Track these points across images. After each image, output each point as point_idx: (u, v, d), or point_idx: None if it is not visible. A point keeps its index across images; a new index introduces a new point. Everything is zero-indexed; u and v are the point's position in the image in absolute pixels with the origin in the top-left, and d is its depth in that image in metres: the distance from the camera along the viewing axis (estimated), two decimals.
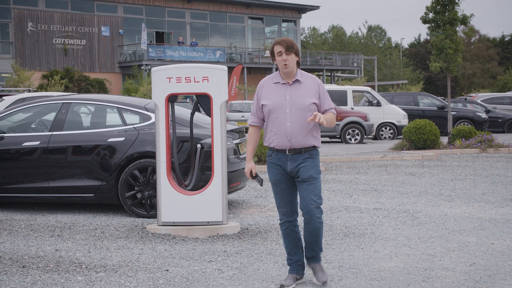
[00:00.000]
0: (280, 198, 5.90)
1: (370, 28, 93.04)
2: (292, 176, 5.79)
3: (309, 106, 5.68)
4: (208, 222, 8.14)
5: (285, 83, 5.74)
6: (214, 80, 8.03)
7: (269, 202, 10.66)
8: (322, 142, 24.95)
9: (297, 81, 5.74)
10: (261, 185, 6.05)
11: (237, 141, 9.87)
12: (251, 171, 5.88)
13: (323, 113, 5.75)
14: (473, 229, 8.34)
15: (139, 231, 8.37)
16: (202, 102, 8.05)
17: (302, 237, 6.07)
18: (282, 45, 5.65)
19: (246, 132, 7.00)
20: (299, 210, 5.98)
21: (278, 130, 5.68)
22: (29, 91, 26.42)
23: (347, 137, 24.70)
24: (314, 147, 5.79)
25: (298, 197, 5.90)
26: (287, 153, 5.72)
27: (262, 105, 5.76)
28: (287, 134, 5.66)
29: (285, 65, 5.66)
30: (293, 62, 5.70)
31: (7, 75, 40.22)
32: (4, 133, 9.96)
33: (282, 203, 5.92)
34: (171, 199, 8.14)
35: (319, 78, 59.19)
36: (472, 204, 10.33)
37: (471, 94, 44.92)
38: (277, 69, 5.82)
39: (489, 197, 11.03)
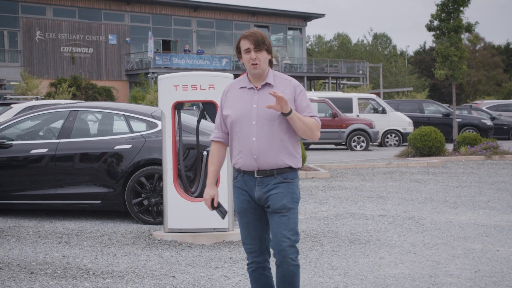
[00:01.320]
0: (246, 232, 4.69)
1: (375, 36, 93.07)
2: (261, 204, 4.58)
3: (280, 117, 4.45)
4: (214, 228, 8.19)
5: (252, 88, 4.54)
6: (220, 87, 8.06)
7: None
8: (327, 149, 25.02)
9: (267, 84, 4.53)
10: (223, 218, 4.75)
11: None
12: (212, 200, 4.64)
13: None
14: (478, 236, 8.36)
15: (146, 237, 8.42)
16: (208, 109, 8.10)
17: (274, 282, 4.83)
18: (250, 40, 4.46)
19: None
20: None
21: (242, 147, 4.50)
22: (37, 99, 26.60)
23: (353, 144, 24.72)
24: (291, 169, 4.54)
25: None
26: (255, 176, 4.53)
27: (225, 115, 4.58)
28: (253, 151, 4.46)
29: (254, 65, 4.47)
30: (265, 62, 4.50)
31: (15, 83, 40.44)
32: (13, 140, 10.04)
33: (249, 239, 4.69)
34: (178, 206, 8.19)
35: (325, 85, 59.53)
36: (477, 211, 10.36)
37: (476, 101, 44.88)
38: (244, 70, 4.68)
39: (494, 204, 11.05)
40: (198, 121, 8.52)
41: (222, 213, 4.68)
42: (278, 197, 4.51)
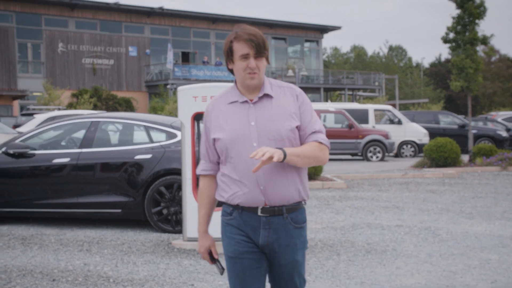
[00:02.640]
0: (239, 283, 3.62)
1: (391, 48, 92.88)
2: (264, 252, 3.59)
3: (289, 133, 3.49)
4: None
5: (246, 102, 3.55)
6: None
7: None
8: (344, 159, 25.03)
9: (266, 96, 3.56)
10: (222, 273, 3.79)
11: None
12: (210, 252, 3.75)
13: (304, 141, 3.57)
14: (494, 247, 8.37)
15: (165, 246, 8.52)
16: None
17: None
18: (250, 45, 3.48)
19: None
20: None
21: (243, 176, 3.46)
22: (59, 109, 26.86)
23: (369, 154, 24.74)
24: (299, 204, 3.59)
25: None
26: (260, 214, 3.49)
27: (214, 139, 3.57)
28: (259, 181, 3.44)
29: (252, 74, 3.49)
30: (263, 71, 3.57)
31: (38, 94, 40.84)
32: (36, 150, 10.21)
33: None
34: (197, 215, 8.28)
35: (341, 97, 59.48)
36: (493, 221, 10.37)
37: (491, 113, 44.68)
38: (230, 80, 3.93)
39: (510, 215, 11.05)
40: None
41: (220, 269, 3.73)
42: (291, 250, 3.58)
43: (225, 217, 3.61)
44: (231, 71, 3.60)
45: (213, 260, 3.72)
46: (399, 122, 27.09)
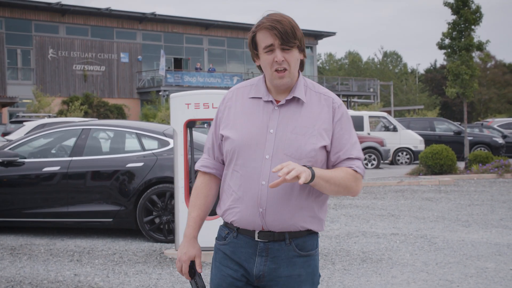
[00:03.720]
0: None
1: (386, 54, 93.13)
2: (259, 286, 2.99)
3: (311, 153, 2.86)
4: None
5: (271, 102, 2.93)
6: None
7: None
8: None
9: (296, 100, 2.93)
10: None
11: None
12: (191, 264, 3.09)
13: (335, 165, 2.95)
14: (491, 255, 8.31)
15: (157, 256, 8.43)
16: None
17: None
18: (274, 33, 2.84)
19: None
20: None
21: (243, 191, 2.89)
22: (49, 116, 26.75)
23: (364, 162, 24.65)
24: (310, 233, 2.97)
25: None
26: (257, 239, 2.93)
27: (222, 136, 2.99)
28: (259, 201, 2.85)
29: (282, 73, 2.87)
30: (295, 66, 2.91)
31: (28, 101, 40.73)
32: (25, 158, 10.10)
33: None
34: None
35: None
36: (490, 229, 10.31)
37: (487, 120, 44.76)
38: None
39: (507, 222, 10.99)
40: None
41: (198, 286, 3.09)
42: (293, 282, 2.95)
43: (219, 242, 3.05)
44: (260, 68, 2.99)
45: (192, 275, 3.07)
46: (394, 129, 27.07)
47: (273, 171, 2.70)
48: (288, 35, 2.83)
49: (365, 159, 24.70)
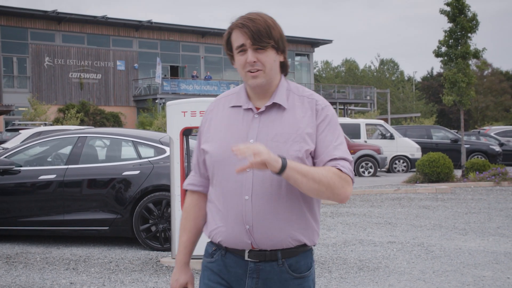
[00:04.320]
0: None
1: (382, 62, 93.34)
2: None
3: (294, 160, 2.59)
4: None
5: (250, 110, 2.72)
6: None
7: None
8: None
9: (275, 106, 2.71)
10: None
11: None
12: None
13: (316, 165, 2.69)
14: (488, 263, 8.29)
15: (154, 264, 8.39)
16: None
17: None
18: (245, 32, 2.63)
19: None
20: None
21: (226, 207, 2.68)
22: (45, 124, 26.70)
23: (361, 170, 24.67)
24: (304, 248, 2.73)
25: None
26: (247, 259, 2.70)
27: (203, 150, 2.80)
28: (244, 218, 2.63)
29: (254, 73, 2.66)
30: (271, 67, 2.68)
31: (24, 109, 40.68)
32: (21, 166, 10.07)
33: None
34: None
35: None
36: (487, 237, 10.29)
37: (484, 127, 44.81)
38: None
39: (504, 230, 10.97)
40: None
41: None
42: None
43: (206, 259, 2.82)
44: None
45: None
46: (391, 137, 27.08)
47: (232, 149, 2.47)
48: (261, 33, 2.61)
49: (362, 166, 24.69)
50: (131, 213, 9.46)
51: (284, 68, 2.77)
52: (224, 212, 2.68)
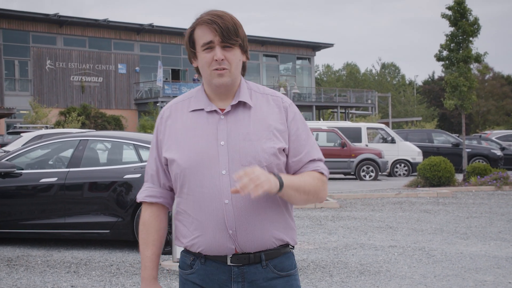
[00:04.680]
0: None
1: (383, 66, 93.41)
2: None
3: (270, 158, 2.57)
4: None
5: (215, 111, 2.63)
6: None
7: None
8: (335, 179, 24.92)
9: (242, 105, 2.64)
10: None
11: None
12: None
13: (298, 170, 2.68)
14: (489, 268, 8.28)
15: None
16: None
17: None
18: (214, 29, 2.55)
19: None
20: None
21: (204, 215, 2.56)
22: (47, 128, 26.68)
23: (362, 173, 24.66)
24: (285, 248, 2.69)
25: None
26: (230, 263, 2.60)
27: (167, 159, 2.66)
28: (227, 223, 2.54)
29: (221, 71, 2.57)
30: (237, 66, 2.62)
31: (25, 112, 40.70)
32: (22, 169, 10.07)
33: None
34: None
35: (333, 115, 59.69)
36: (488, 242, 10.27)
37: (485, 131, 44.79)
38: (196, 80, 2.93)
39: (506, 235, 10.96)
40: None
41: None
42: None
43: (184, 271, 2.68)
44: (198, 71, 2.69)
45: None
46: (392, 141, 27.07)
47: (235, 177, 2.39)
48: (230, 31, 2.54)
49: (363, 170, 24.68)
50: (132, 216, 9.45)
51: (243, 69, 2.69)
52: (201, 221, 2.57)
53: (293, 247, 2.73)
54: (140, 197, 2.74)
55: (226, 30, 2.53)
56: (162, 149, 2.67)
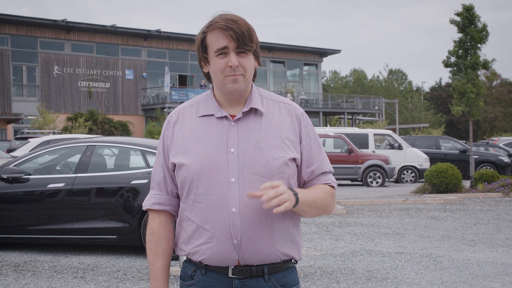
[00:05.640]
0: None
1: (391, 72, 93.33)
2: None
3: (281, 168, 2.52)
4: None
5: (226, 117, 2.57)
6: None
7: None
8: (342, 185, 24.89)
9: (253, 112, 2.59)
10: None
11: None
12: None
13: (309, 181, 2.66)
14: (497, 275, 8.25)
15: None
16: None
17: None
18: (230, 35, 2.47)
19: None
20: None
21: (211, 223, 2.50)
22: (54, 133, 26.76)
23: (369, 180, 24.62)
24: (289, 263, 2.63)
25: None
26: (231, 275, 2.53)
27: (175, 165, 2.60)
28: (232, 232, 2.47)
29: (235, 76, 2.50)
30: (251, 73, 2.56)
31: (33, 117, 40.83)
32: (30, 174, 10.09)
33: None
34: None
35: (340, 121, 59.64)
36: (496, 249, 10.24)
37: (493, 138, 44.67)
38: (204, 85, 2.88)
39: None
40: None
41: None
42: None
43: (185, 282, 2.62)
44: (207, 76, 2.62)
45: None
46: (400, 147, 27.03)
47: (261, 188, 2.36)
48: (245, 37, 2.47)
49: (370, 177, 24.64)
50: (139, 222, 9.46)
51: (254, 75, 2.62)
52: (206, 228, 2.50)
53: (297, 262, 2.67)
54: (146, 204, 2.68)
55: (242, 36, 2.46)
56: (169, 154, 2.61)
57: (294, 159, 2.56)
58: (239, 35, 2.45)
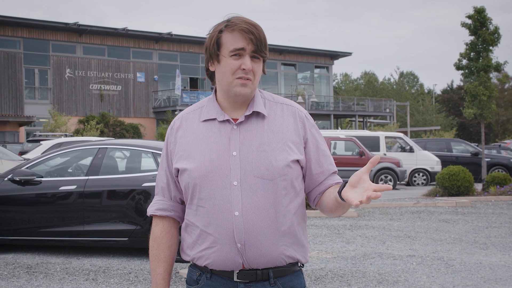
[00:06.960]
0: None
1: (402, 74, 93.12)
2: None
3: (284, 170, 2.50)
4: None
5: (228, 121, 2.56)
6: None
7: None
8: None
9: (256, 115, 2.58)
10: None
11: None
12: None
13: (322, 182, 2.64)
14: (509, 278, 8.21)
15: (173, 275, 8.40)
16: None
17: None
18: (249, 37, 2.48)
19: None
20: None
21: (214, 227, 2.49)
22: (66, 135, 26.87)
23: (380, 182, 24.50)
24: (295, 266, 2.61)
25: None
26: (236, 279, 2.53)
27: (178, 170, 2.60)
28: (236, 236, 2.46)
29: (245, 80, 2.50)
30: (258, 80, 2.57)
31: (44, 120, 41.01)
32: (42, 177, 10.14)
33: None
34: None
35: (352, 124, 59.51)
36: (508, 252, 10.19)
37: (505, 141, 44.45)
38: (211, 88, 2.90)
39: None
40: None
41: None
42: None
43: (191, 286, 2.62)
44: (210, 76, 2.62)
45: None
46: (411, 150, 26.96)
47: (355, 204, 2.27)
48: (262, 43, 2.49)
49: (381, 179, 24.60)
50: (151, 225, 9.44)
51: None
52: (210, 233, 2.49)
53: (303, 265, 2.63)
54: (150, 210, 2.68)
55: (260, 41, 2.47)
56: (172, 160, 2.62)
57: (298, 161, 2.54)
58: (258, 40, 2.46)
